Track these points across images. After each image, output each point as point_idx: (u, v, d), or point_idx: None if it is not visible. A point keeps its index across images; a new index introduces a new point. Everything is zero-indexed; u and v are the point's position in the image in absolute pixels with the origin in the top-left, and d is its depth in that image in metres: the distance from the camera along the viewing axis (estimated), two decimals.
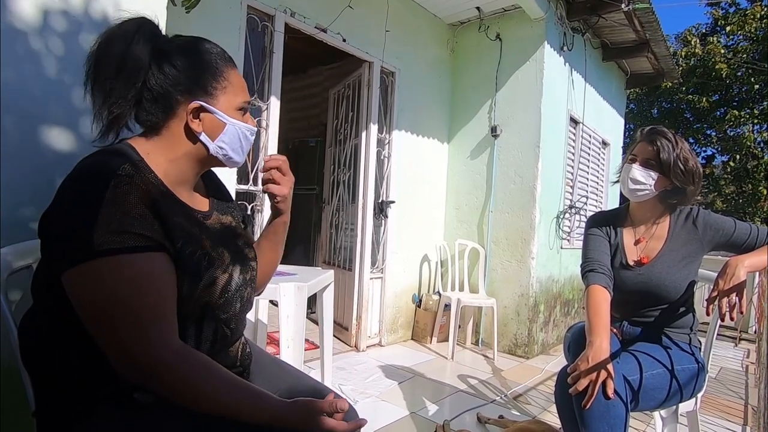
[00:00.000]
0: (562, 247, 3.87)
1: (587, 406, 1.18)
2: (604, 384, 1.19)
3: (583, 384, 1.20)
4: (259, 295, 1.12)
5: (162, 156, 0.81)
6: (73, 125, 1.15)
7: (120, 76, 0.77)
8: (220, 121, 0.84)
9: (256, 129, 0.92)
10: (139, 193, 0.72)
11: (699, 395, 1.45)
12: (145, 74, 0.78)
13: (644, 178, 1.42)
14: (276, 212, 1.05)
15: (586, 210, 4.23)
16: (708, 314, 1.26)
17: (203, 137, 0.83)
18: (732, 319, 1.19)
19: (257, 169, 2.56)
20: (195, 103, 0.81)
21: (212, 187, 0.98)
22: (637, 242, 1.51)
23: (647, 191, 1.43)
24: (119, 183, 0.70)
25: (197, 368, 0.73)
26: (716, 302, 1.23)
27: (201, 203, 0.91)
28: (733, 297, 1.19)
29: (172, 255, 0.75)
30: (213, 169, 0.97)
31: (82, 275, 0.68)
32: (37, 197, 1.08)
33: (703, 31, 10.98)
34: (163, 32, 0.85)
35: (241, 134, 0.88)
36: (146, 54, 0.78)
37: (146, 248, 0.71)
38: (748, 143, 9.67)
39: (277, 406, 0.76)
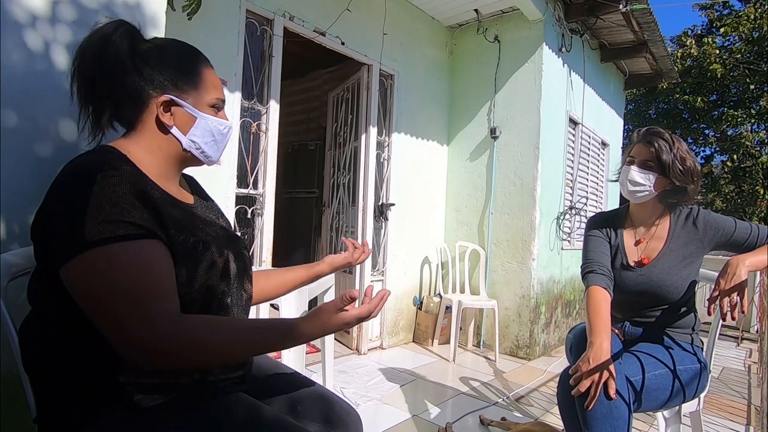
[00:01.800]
0: (562, 248, 3.86)
1: (590, 407, 1.17)
2: (606, 385, 1.18)
3: (585, 385, 1.19)
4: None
5: (141, 153, 0.83)
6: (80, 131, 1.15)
7: (99, 74, 0.81)
8: (190, 115, 0.86)
9: (230, 125, 0.94)
10: (126, 184, 0.73)
11: (702, 395, 1.44)
12: (122, 72, 0.82)
13: (643, 180, 1.42)
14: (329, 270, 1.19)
15: (586, 211, 4.23)
16: (710, 314, 1.25)
17: (174, 131, 0.85)
18: (734, 318, 1.19)
19: (257, 173, 2.56)
20: (165, 97, 0.84)
21: (195, 188, 1.00)
22: (637, 243, 1.51)
23: (647, 192, 1.43)
24: (105, 176, 0.71)
25: (199, 327, 0.72)
26: (717, 302, 1.23)
27: (186, 197, 0.92)
28: (734, 296, 1.19)
29: (166, 243, 0.76)
30: (198, 174, 0.99)
31: (78, 267, 0.68)
32: (39, 203, 1.08)
33: (699, 32, 11.01)
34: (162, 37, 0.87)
35: (214, 129, 0.89)
36: (123, 53, 0.81)
37: (138, 236, 0.71)
38: (747, 143, 9.68)
39: (294, 327, 0.77)
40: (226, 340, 0.73)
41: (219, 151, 0.93)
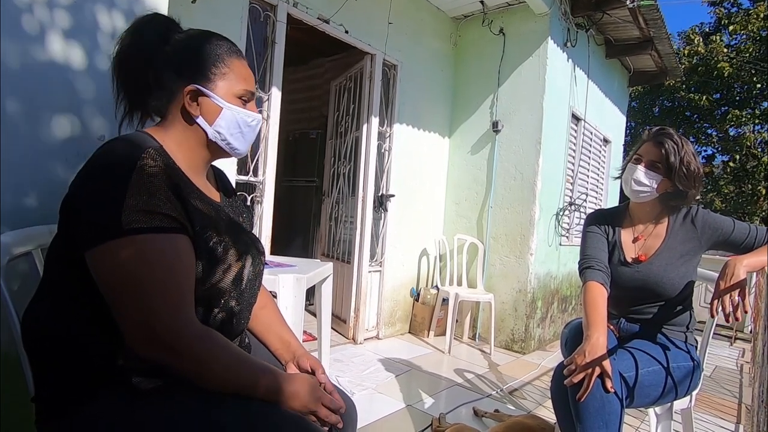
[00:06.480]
0: (561, 244, 3.87)
1: (582, 399, 1.19)
2: (602, 378, 1.19)
3: (578, 377, 1.20)
4: None
5: (172, 142, 0.84)
6: (77, 111, 1.14)
7: (131, 65, 0.83)
8: (216, 105, 0.86)
9: (259, 118, 0.93)
10: (164, 175, 0.74)
11: (694, 393, 1.46)
12: (153, 63, 0.83)
13: (648, 180, 1.42)
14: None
15: (585, 207, 4.23)
16: (713, 316, 1.24)
17: (200, 121, 0.86)
18: (737, 319, 1.19)
19: (257, 160, 2.55)
20: (191, 87, 0.84)
21: (222, 184, 1.01)
22: (635, 240, 1.51)
23: (649, 193, 1.43)
24: (145, 165, 0.72)
25: (215, 348, 0.76)
26: (719, 302, 1.22)
27: (213, 194, 0.93)
28: (735, 296, 1.19)
29: (192, 238, 0.77)
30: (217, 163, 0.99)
31: (109, 252, 0.69)
32: (38, 183, 1.08)
33: (707, 30, 10.93)
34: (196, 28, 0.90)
35: (240, 120, 0.89)
36: (153, 45, 0.83)
37: (172, 229, 0.73)
38: (748, 143, 9.66)
39: (284, 382, 0.80)
40: (227, 370, 0.76)
41: (246, 144, 0.92)
